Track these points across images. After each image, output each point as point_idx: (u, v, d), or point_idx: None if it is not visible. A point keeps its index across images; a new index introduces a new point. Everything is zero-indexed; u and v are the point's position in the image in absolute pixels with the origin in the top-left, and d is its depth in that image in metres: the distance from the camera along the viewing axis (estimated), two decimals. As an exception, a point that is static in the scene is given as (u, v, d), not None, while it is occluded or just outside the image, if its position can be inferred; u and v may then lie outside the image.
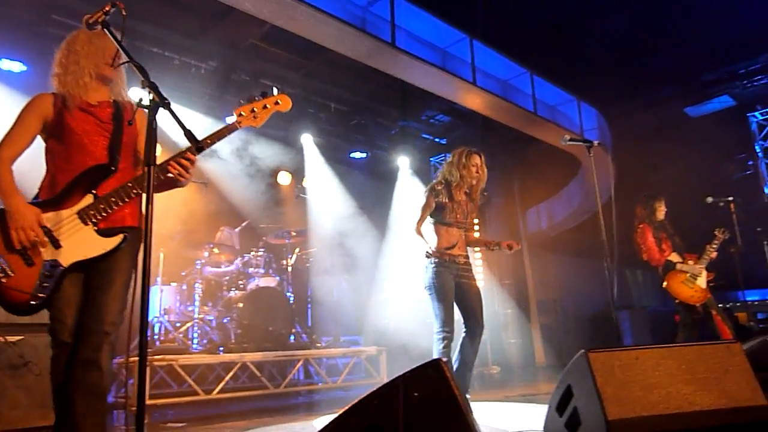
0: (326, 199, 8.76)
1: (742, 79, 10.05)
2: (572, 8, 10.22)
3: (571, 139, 3.80)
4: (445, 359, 3.60)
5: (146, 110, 2.09)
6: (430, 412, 1.80)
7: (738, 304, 9.78)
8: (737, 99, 10.68)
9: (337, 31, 6.30)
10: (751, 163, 10.67)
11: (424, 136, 10.39)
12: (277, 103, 2.78)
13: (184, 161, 2.50)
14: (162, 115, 2.08)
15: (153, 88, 2.10)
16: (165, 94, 2.10)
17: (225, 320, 6.16)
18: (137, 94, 4.37)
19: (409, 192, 10.50)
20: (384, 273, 8.81)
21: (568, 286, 12.51)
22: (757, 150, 10.56)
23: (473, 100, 8.31)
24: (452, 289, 3.93)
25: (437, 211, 4.04)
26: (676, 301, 5.67)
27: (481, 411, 4.57)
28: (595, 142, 3.78)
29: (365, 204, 9.24)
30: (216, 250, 6.58)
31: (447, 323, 3.83)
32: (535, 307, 10.83)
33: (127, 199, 2.55)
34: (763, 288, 15.05)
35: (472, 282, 4.04)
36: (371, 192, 9.61)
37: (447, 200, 4.01)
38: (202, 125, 6.94)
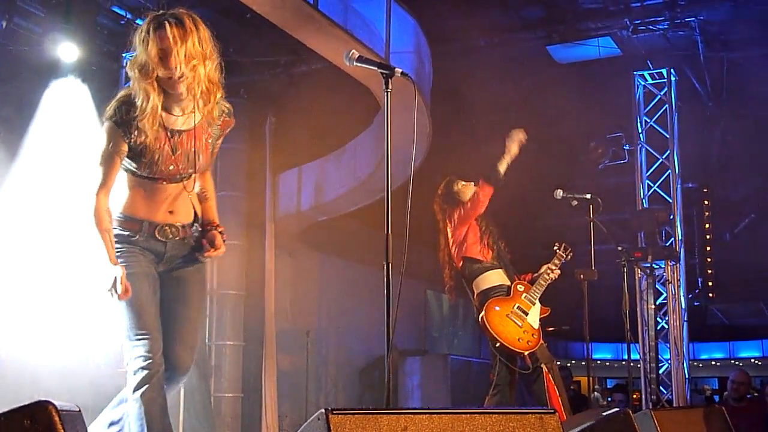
0: None
1: (636, 17, 10.45)
2: None
3: (359, 59, 3.93)
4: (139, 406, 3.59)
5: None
6: None
7: (582, 362, 10.33)
8: (623, 47, 11.17)
9: None
10: (627, 147, 11.27)
11: (116, 9, 9.97)
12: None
13: None
14: None
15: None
16: None
17: None
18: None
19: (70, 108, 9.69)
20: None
21: (336, 311, 12.52)
22: (639, 129, 11.15)
23: (209, -39, 8.52)
24: (152, 279, 3.83)
25: (130, 158, 3.86)
26: (496, 345, 5.96)
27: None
28: (398, 72, 3.85)
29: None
30: None
31: (143, 341, 3.67)
32: (273, 342, 10.81)
33: None
34: (618, 341, 16.23)
35: (188, 275, 3.95)
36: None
37: (137, 135, 3.75)
38: None
